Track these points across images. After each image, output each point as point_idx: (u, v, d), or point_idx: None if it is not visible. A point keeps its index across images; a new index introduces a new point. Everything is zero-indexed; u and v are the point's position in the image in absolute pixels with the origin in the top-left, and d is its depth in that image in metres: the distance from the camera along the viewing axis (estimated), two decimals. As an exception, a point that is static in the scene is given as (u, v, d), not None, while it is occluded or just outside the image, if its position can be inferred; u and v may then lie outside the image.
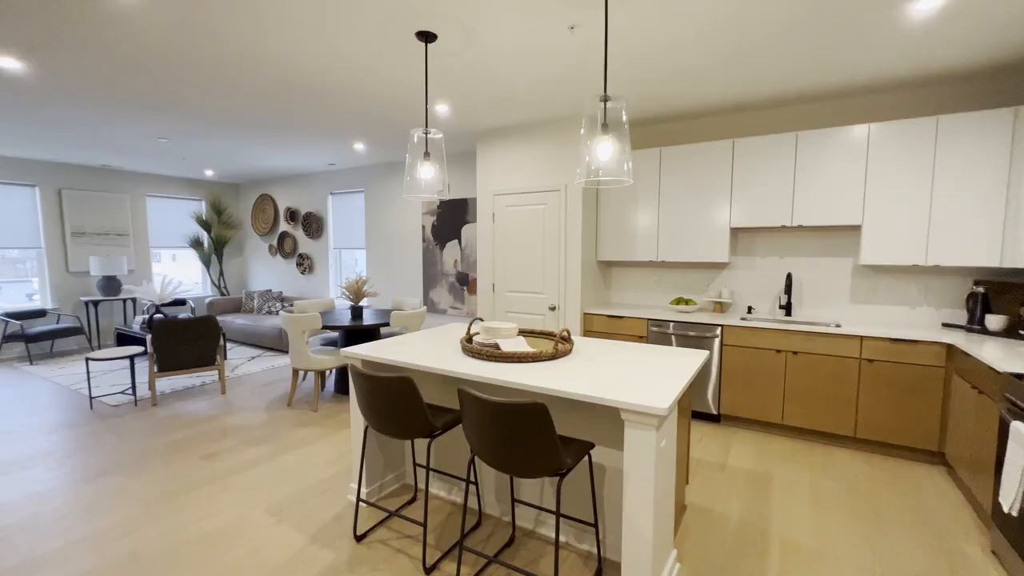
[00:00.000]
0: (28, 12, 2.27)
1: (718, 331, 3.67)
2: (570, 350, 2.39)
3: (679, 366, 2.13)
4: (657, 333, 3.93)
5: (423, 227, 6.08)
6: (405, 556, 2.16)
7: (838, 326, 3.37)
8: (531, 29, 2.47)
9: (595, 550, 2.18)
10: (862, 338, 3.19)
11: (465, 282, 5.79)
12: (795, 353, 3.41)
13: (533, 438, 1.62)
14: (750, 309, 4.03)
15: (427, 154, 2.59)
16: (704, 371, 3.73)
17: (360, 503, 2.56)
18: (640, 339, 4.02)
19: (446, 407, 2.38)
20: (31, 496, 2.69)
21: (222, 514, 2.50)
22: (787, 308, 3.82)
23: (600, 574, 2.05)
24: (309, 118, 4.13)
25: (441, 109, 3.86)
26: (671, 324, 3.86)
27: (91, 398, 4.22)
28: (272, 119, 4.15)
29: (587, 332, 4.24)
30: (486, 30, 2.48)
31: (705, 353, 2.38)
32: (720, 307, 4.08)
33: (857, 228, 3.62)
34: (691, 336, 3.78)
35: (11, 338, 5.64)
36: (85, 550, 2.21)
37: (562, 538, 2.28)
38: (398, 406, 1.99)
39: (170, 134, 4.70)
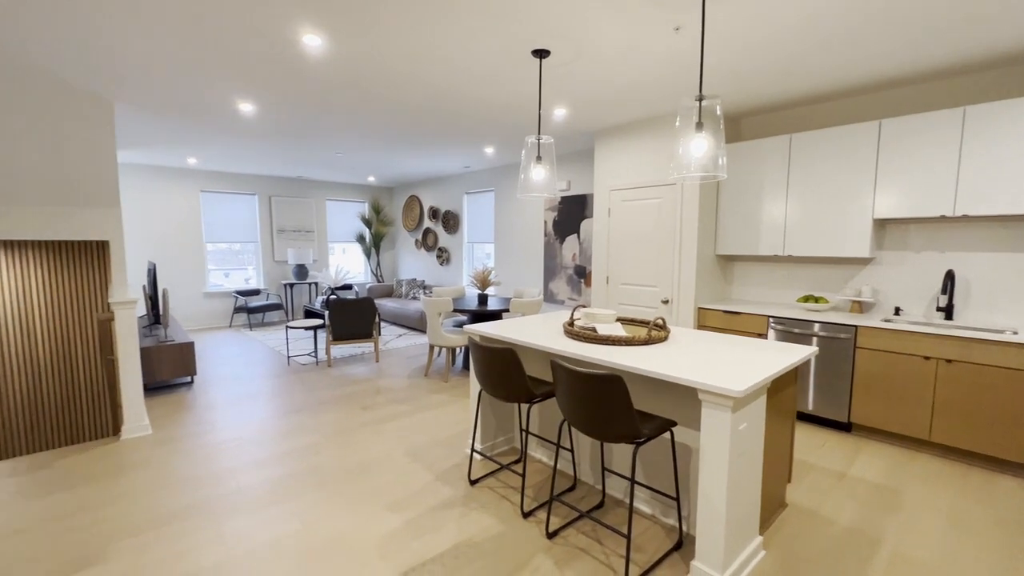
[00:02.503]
0: (259, 68, 3.16)
1: (851, 332, 3.37)
2: (664, 337, 2.52)
3: (773, 359, 2.15)
4: (779, 331, 3.73)
5: (544, 222, 6.47)
6: (508, 502, 2.55)
7: (1015, 333, 2.86)
8: (637, 35, 2.63)
9: (677, 524, 2.31)
10: (1042, 348, 2.69)
11: (582, 274, 6.03)
12: (949, 361, 2.99)
13: (609, 405, 1.86)
14: (897, 311, 3.58)
15: (539, 158, 2.93)
16: (839, 375, 3.44)
17: (474, 455, 3.03)
18: (759, 336, 3.85)
19: (548, 380, 2.71)
20: (255, 419, 3.73)
21: (374, 450, 3.19)
22: (947, 311, 3.32)
23: (680, 546, 2.18)
24: (448, 127, 4.78)
25: (559, 112, 4.17)
26: (795, 322, 3.64)
27: (288, 357, 5.49)
28: (421, 129, 4.90)
29: (701, 326, 4.19)
30: (594, 41, 2.72)
31: (809, 349, 2.31)
32: (859, 307, 3.70)
33: (1048, 217, 3.01)
34: (820, 336, 3.52)
35: (239, 310, 7.54)
36: (286, 460, 3.05)
37: (648, 511, 2.45)
38: (503, 372, 2.37)
39: (344, 149, 5.81)
